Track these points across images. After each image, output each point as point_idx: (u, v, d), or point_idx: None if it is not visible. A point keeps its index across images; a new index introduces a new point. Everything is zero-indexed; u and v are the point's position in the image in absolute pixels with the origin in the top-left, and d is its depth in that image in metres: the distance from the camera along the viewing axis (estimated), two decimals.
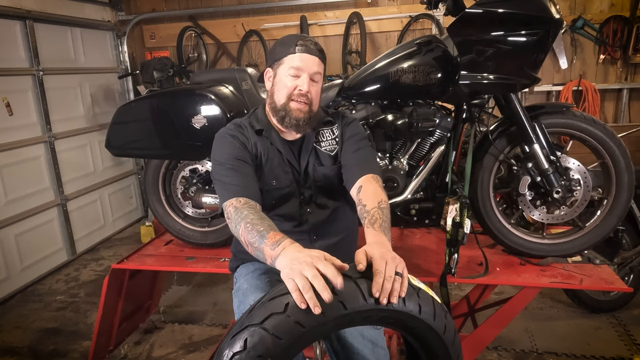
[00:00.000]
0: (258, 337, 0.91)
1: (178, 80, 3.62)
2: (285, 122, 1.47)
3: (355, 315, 0.95)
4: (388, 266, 0.97)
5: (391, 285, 0.95)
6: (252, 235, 1.18)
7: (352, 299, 0.94)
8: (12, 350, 2.75)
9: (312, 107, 1.46)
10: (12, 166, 3.53)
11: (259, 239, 1.15)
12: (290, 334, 0.92)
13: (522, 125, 1.97)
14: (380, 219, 1.22)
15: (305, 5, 4.66)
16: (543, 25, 1.81)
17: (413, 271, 2.02)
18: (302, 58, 1.43)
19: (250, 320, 0.94)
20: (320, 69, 1.47)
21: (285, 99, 1.45)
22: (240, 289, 1.46)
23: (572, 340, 2.59)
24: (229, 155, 1.45)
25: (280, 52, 1.46)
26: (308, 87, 1.44)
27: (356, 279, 0.96)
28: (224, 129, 1.55)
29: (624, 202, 1.99)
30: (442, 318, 1.04)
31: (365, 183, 1.38)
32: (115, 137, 2.33)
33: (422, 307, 1.00)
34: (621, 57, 4.31)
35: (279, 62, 1.47)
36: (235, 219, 1.28)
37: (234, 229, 1.28)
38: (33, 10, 3.72)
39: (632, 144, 3.12)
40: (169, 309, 3.13)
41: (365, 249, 1.02)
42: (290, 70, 1.44)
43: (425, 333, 1.04)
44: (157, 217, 2.51)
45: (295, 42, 1.44)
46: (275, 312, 0.93)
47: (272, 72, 1.51)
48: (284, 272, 0.99)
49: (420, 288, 1.02)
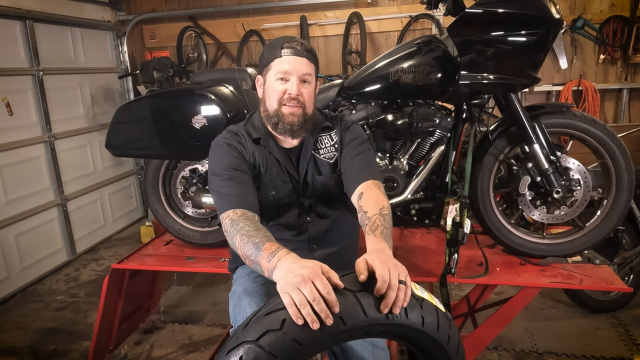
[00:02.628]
0: (253, 354, 0.89)
1: (178, 80, 3.62)
2: (279, 128, 1.42)
3: (354, 330, 0.92)
4: (392, 274, 0.94)
5: (394, 295, 0.92)
6: (249, 248, 1.16)
7: (351, 314, 0.91)
8: (12, 350, 2.74)
9: (305, 109, 1.42)
10: (12, 166, 3.53)
11: (255, 251, 1.13)
12: (287, 352, 0.89)
13: (522, 125, 1.97)
14: (381, 226, 1.20)
15: (305, 5, 4.66)
16: (543, 25, 1.81)
17: (413, 271, 2.04)
18: (289, 61, 1.38)
19: (246, 336, 0.92)
20: (309, 70, 1.41)
21: (277, 105, 1.41)
22: (235, 292, 1.45)
23: (572, 340, 2.59)
24: (226, 165, 1.42)
25: (268, 57, 1.42)
26: (297, 89, 1.39)
27: (356, 293, 0.93)
28: (220, 137, 1.51)
29: (624, 202, 2.00)
30: (446, 328, 1.00)
31: (367, 189, 1.36)
32: (115, 137, 2.33)
33: (425, 318, 0.97)
34: (621, 57, 4.31)
35: (267, 67, 1.43)
36: (231, 232, 1.26)
37: (231, 242, 1.26)
38: (33, 10, 3.72)
39: (632, 144, 3.13)
40: (169, 309, 3.13)
41: (366, 258, 0.99)
42: (278, 75, 1.39)
43: (428, 344, 1.02)
44: (157, 217, 2.51)
45: (281, 45, 1.39)
46: (271, 329, 0.90)
47: (262, 79, 1.47)
48: (280, 285, 0.96)
49: (423, 298, 0.99)
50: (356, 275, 0.96)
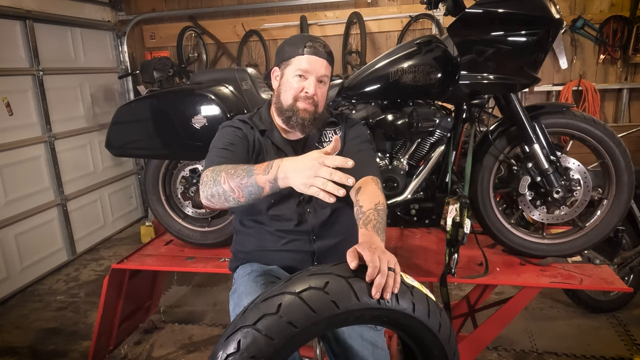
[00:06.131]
0: (251, 338, 0.92)
1: (178, 80, 3.62)
2: (292, 121, 1.47)
3: (348, 314, 0.95)
4: (381, 261, 0.97)
5: (384, 280, 0.95)
6: (238, 175, 1.19)
7: (344, 298, 0.94)
8: (12, 350, 2.74)
9: (317, 108, 1.48)
10: (12, 166, 3.53)
11: (247, 174, 1.17)
12: (283, 335, 0.92)
13: (522, 125, 1.97)
14: (374, 220, 1.21)
15: (305, 5, 4.65)
16: (543, 25, 1.81)
17: (413, 271, 2.04)
18: (310, 60, 1.43)
19: (244, 321, 0.95)
20: (327, 72, 1.47)
21: (292, 100, 1.46)
22: (236, 291, 1.45)
23: (572, 340, 2.59)
24: (227, 141, 1.46)
25: (289, 53, 1.46)
26: (314, 89, 1.44)
27: (348, 278, 0.97)
28: (228, 122, 1.57)
29: (624, 202, 2.00)
30: (437, 316, 1.04)
31: (364, 184, 1.38)
32: (115, 137, 2.33)
33: (416, 305, 1.00)
34: (621, 57, 4.31)
35: (286, 62, 1.47)
36: (212, 176, 1.25)
37: (213, 188, 1.24)
38: (33, 10, 3.72)
39: (632, 144, 3.13)
40: (169, 309, 3.13)
41: (356, 247, 1.03)
42: (297, 72, 1.44)
43: (420, 331, 1.04)
44: (157, 217, 2.51)
45: (304, 43, 1.44)
46: (267, 312, 0.93)
47: (279, 72, 1.51)
48: (300, 183, 1.07)
49: (413, 286, 1.03)
50: (348, 264, 0.99)
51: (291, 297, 0.95)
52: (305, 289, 0.95)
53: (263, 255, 1.55)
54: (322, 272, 0.99)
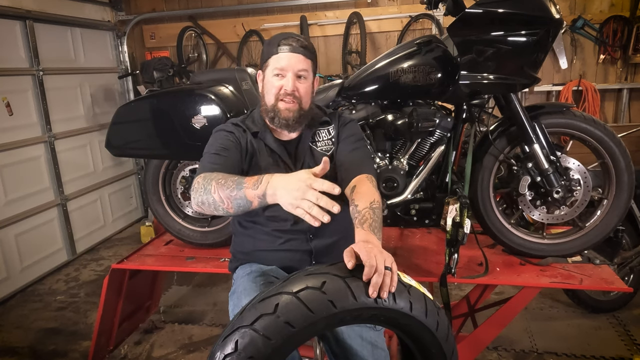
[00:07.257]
0: (248, 338, 0.92)
1: (178, 80, 3.62)
2: (275, 122, 1.49)
3: (345, 313, 0.95)
4: (378, 260, 0.98)
5: (381, 279, 0.95)
6: (228, 186, 1.19)
7: (341, 298, 0.94)
8: (12, 350, 2.74)
9: (301, 105, 1.47)
10: (12, 166, 3.53)
11: (237, 187, 1.17)
12: (281, 335, 0.92)
13: (522, 125, 1.97)
14: (370, 219, 1.21)
15: (305, 5, 4.66)
16: (543, 25, 1.81)
17: (413, 271, 2.04)
18: (285, 57, 1.44)
19: (241, 321, 0.95)
20: (306, 66, 1.46)
21: (274, 100, 1.47)
22: (235, 292, 1.46)
23: (572, 340, 2.59)
24: (219, 145, 1.47)
25: (266, 54, 1.48)
26: (293, 85, 1.44)
27: (345, 278, 0.97)
28: (221, 125, 1.57)
29: (624, 202, 2.00)
30: (434, 315, 1.04)
31: (359, 183, 1.38)
32: (115, 137, 2.33)
33: (413, 304, 1.00)
34: (621, 57, 4.31)
35: (265, 63, 1.49)
36: (203, 184, 1.25)
37: (204, 195, 1.24)
38: (33, 10, 3.72)
39: (632, 144, 3.12)
40: (169, 309, 3.13)
41: (353, 247, 1.03)
42: (275, 71, 1.45)
43: (417, 330, 1.04)
44: (157, 217, 2.51)
45: (278, 42, 1.45)
46: (265, 313, 0.94)
47: (262, 75, 1.53)
48: (287, 202, 1.06)
49: (411, 285, 1.03)
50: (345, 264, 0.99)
51: (288, 297, 0.95)
52: (303, 289, 0.95)
53: (261, 256, 1.55)
54: (319, 271, 0.99)
